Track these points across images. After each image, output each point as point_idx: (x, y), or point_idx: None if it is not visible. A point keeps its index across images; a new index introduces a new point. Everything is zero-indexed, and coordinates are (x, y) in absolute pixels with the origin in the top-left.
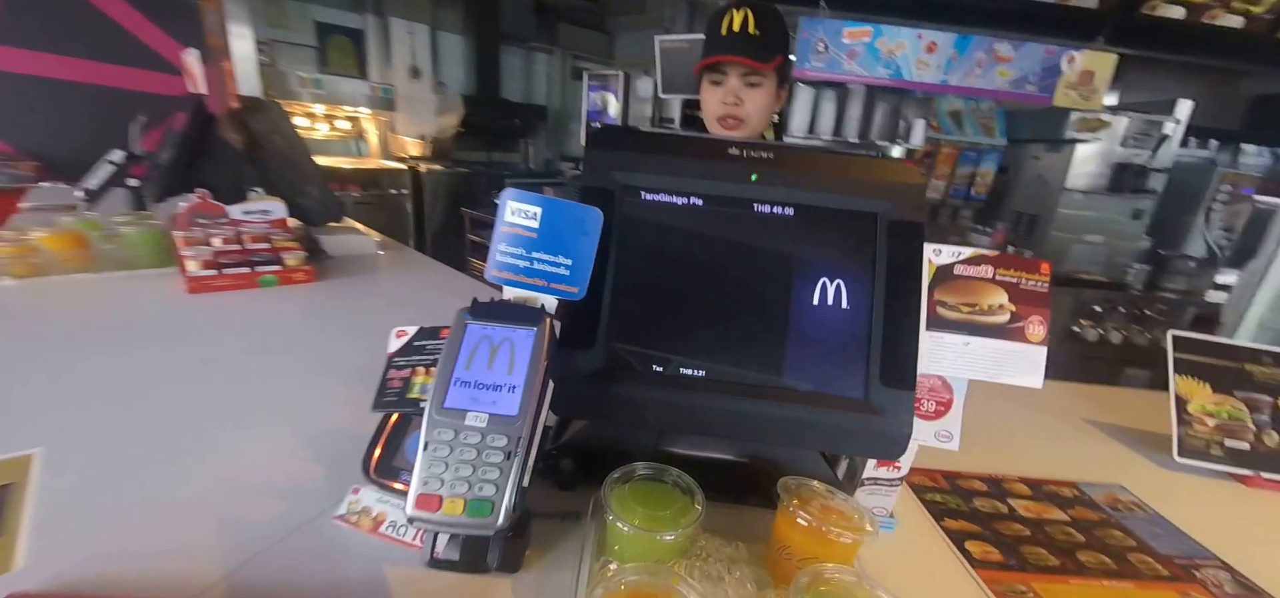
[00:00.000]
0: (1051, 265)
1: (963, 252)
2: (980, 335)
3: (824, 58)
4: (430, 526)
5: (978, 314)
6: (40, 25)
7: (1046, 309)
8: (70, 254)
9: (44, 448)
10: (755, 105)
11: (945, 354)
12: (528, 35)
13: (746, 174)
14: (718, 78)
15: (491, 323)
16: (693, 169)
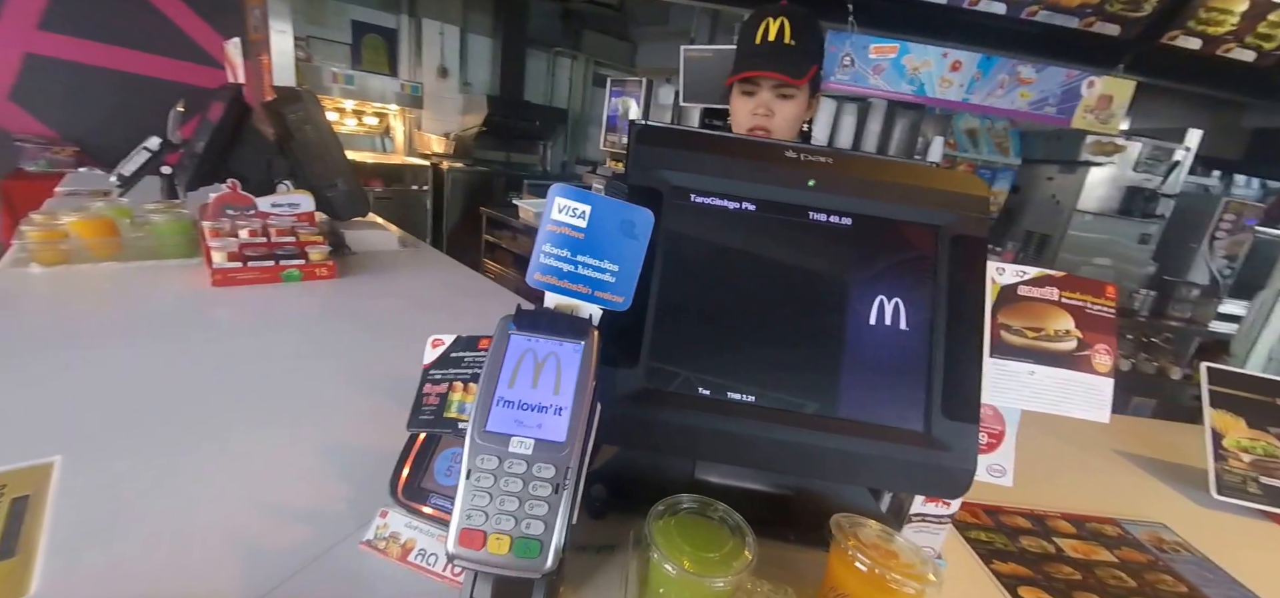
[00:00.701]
0: (1117, 289)
1: (1027, 270)
2: (1046, 364)
3: (849, 71)
4: (474, 566)
5: (1044, 340)
6: (90, 14)
7: (1113, 336)
8: (99, 242)
9: (63, 455)
10: (785, 117)
11: (1010, 384)
12: (553, 40)
13: (803, 179)
14: (750, 88)
15: (536, 334)
16: (746, 172)
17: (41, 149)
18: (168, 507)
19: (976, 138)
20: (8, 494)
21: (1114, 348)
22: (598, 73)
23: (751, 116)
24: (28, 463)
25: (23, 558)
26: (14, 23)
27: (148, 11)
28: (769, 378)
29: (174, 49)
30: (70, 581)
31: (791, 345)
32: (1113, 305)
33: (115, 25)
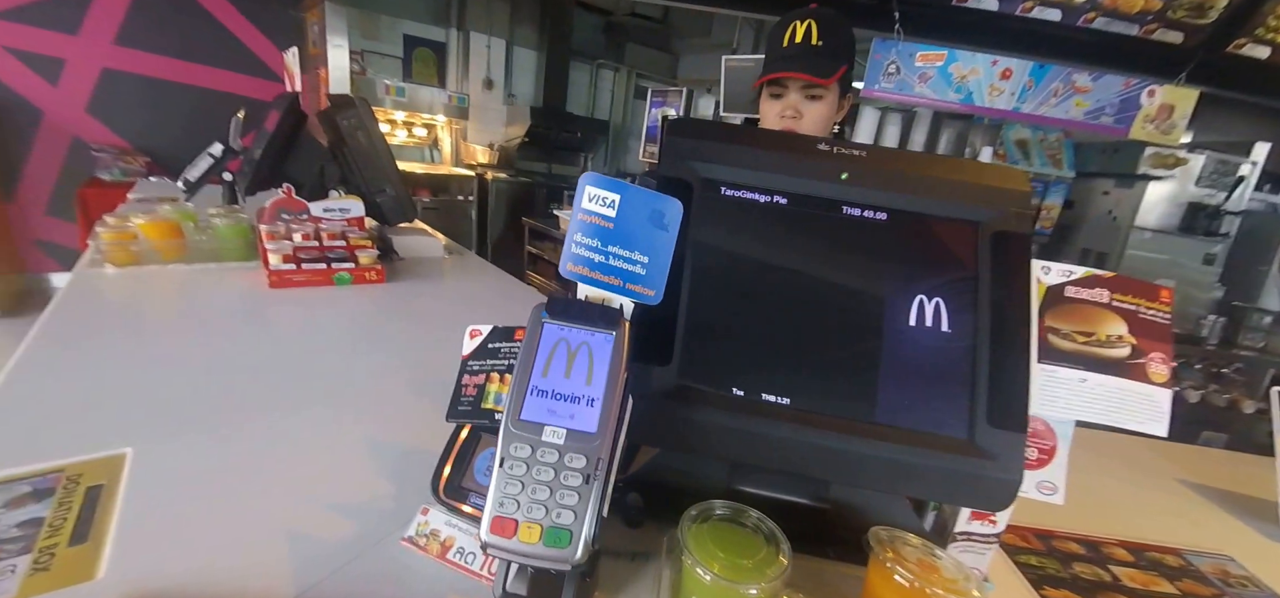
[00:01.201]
0: (1172, 292)
1: (1074, 270)
2: (1098, 371)
3: (894, 80)
4: (504, 555)
5: (1094, 345)
6: (161, 30)
7: (1169, 344)
8: (166, 244)
9: (133, 448)
10: (814, 118)
11: (1059, 392)
12: (596, 52)
13: (836, 172)
14: (778, 91)
15: (569, 324)
16: (777, 164)
17: (115, 159)
18: (226, 498)
19: (1028, 149)
20: (83, 483)
21: (1171, 356)
22: (639, 84)
23: (780, 119)
24: (102, 454)
25: (93, 544)
26: (92, 39)
27: (213, 27)
28: (804, 379)
29: (237, 63)
30: (135, 567)
31: (827, 345)
32: (1168, 310)
33: (184, 41)
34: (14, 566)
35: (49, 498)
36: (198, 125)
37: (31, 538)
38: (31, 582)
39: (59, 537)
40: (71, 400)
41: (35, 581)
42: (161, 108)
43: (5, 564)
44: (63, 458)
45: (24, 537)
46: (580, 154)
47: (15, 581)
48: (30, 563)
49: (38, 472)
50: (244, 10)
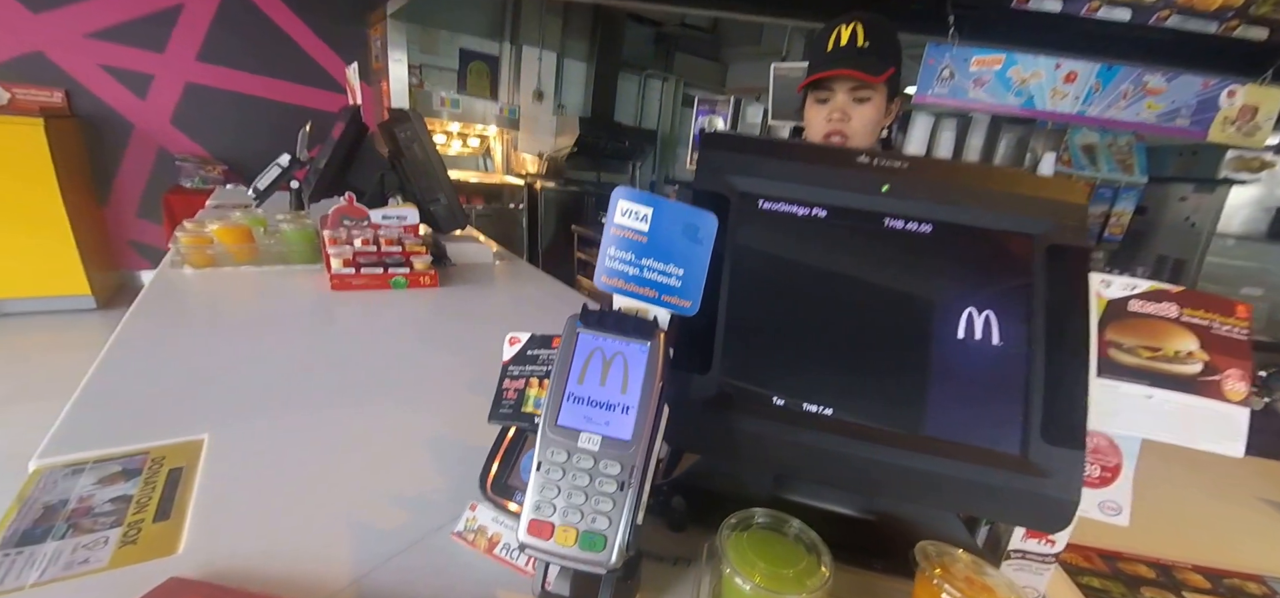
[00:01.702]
0: (1250, 309)
1: (1138, 284)
2: (1165, 388)
3: (948, 84)
4: (541, 555)
5: (1161, 361)
6: (238, 47)
7: (1247, 361)
8: (238, 248)
9: (209, 434)
10: (862, 121)
11: (1121, 407)
12: (645, 63)
13: (877, 184)
14: (824, 95)
15: (604, 334)
16: (816, 177)
17: (196, 167)
18: (290, 484)
19: (1095, 153)
20: (166, 465)
21: (1249, 373)
22: (687, 93)
23: (826, 123)
24: (182, 439)
25: (175, 521)
26: (177, 56)
27: (286, 43)
28: (847, 390)
29: (306, 77)
30: (210, 543)
31: (870, 357)
32: (1246, 326)
33: (259, 57)
34: (107, 537)
35: (136, 477)
36: (270, 135)
37: (121, 513)
38: (122, 553)
39: (145, 513)
40: (155, 389)
41: (125, 552)
42: (238, 119)
43: (99, 536)
44: (147, 442)
45: (115, 512)
46: (628, 162)
47: (108, 551)
48: (121, 535)
49: (127, 453)
50: (314, 27)
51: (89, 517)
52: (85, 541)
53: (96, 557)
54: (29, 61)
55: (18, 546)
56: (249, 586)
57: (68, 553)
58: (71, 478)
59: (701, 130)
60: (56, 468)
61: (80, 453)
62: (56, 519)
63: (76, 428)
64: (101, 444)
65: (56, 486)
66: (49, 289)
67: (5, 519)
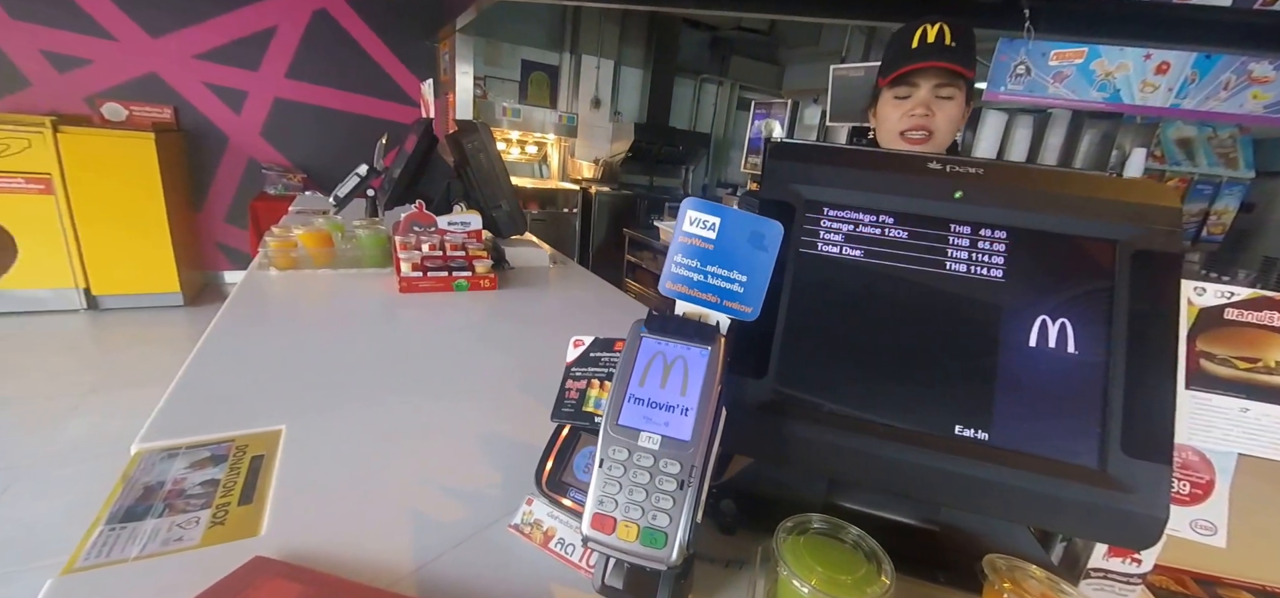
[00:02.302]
0: None
1: (1235, 291)
2: (1264, 401)
3: (1023, 81)
4: (603, 549)
5: (1262, 372)
6: (322, 64)
7: None
8: (319, 251)
9: (287, 425)
10: (945, 117)
11: (1214, 421)
12: (701, 67)
13: (949, 190)
14: (904, 91)
15: (666, 338)
16: (885, 184)
17: (280, 176)
18: (359, 474)
19: (1192, 148)
20: (249, 453)
21: None
22: (743, 96)
23: (907, 118)
24: (263, 428)
25: (257, 505)
26: (268, 74)
27: (364, 60)
28: (909, 398)
29: (382, 91)
30: (288, 526)
31: (934, 365)
32: None
33: (340, 73)
34: (198, 517)
35: (223, 463)
36: (344, 145)
37: (211, 496)
38: (211, 533)
39: (231, 496)
40: (240, 382)
41: (214, 532)
42: (319, 131)
43: (191, 516)
44: (233, 430)
45: (205, 494)
46: (681, 167)
47: (199, 530)
48: (210, 516)
49: (215, 440)
50: (389, 43)
51: (182, 498)
52: (179, 520)
53: (189, 535)
54: (145, 82)
55: (122, 522)
56: (323, 567)
57: (165, 531)
58: (167, 461)
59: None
60: (154, 452)
61: (174, 439)
62: (155, 499)
63: (172, 415)
64: (193, 431)
65: (154, 468)
66: (144, 287)
67: (111, 497)
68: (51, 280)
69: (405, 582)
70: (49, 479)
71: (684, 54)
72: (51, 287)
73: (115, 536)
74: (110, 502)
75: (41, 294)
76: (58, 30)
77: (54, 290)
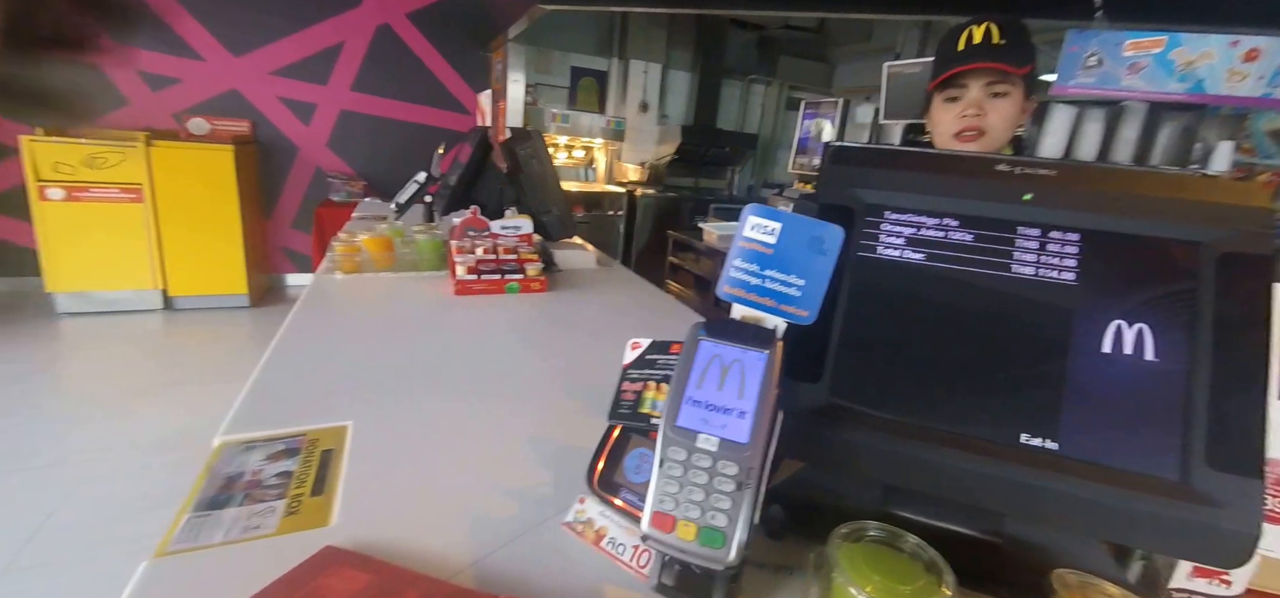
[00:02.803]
0: None
1: None
2: None
3: (1095, 73)
4: (663, 547)
5: None
6: (384, 78)
7: None
8: (381, 256)
9: (353, 421)
10: (1000, 116)
11: None
12: (748, 68)
13: (1017, 193)
14: (955, 93)
15: (723, 342)
16: (950, 187)
17: (343, 183)
18: (418, 468)
19: None
20: (319, 447)
21: None
22: (791, 96)
23: (959, 120)
24: (331, 424)
25: (327, 497)
26: (336, 87)
27: (423, 72)
28: (972, 405)
29: (438, 101)
30: (355, 518)
31: (999, 371)
32: None
33: (400, 85)
34: (274, 507)
35: (296, 456)
36: (402, 153)
37: (285, 486)
38: (286, 522)
39: (304, 488)
40: (309, 379)
41: (289, 521)
42: (380, 140)
43: (268, 506)
44: (304, 425)
45: (280, 485)
46: (727, 168)
47: (275, 519)
48: (285, 506)
49: (289, 434)
50: (445, 56)
51: (259, 488)
52: (257, 509)
53: (266, 524)
54: (227, 98)
55: (206, 509)
56: (387, 557)
57: (244, 519)
58: (246, 454)
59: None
60: (234, 444)
61: (251, 432)
62: (235, 489)
63: (249, 410)
64: (268, 425)
65: (234, 459)
66: (215, 289)
67: (196, 486)
68: (135, 282)
69: (464, 575)
70: (127, 466)
71: (731, 56)
72: (134, 288)
73: (201, 522)
74: (196, 491)
75: (125, 295)
76: (154, 53)
77: (136, 291)
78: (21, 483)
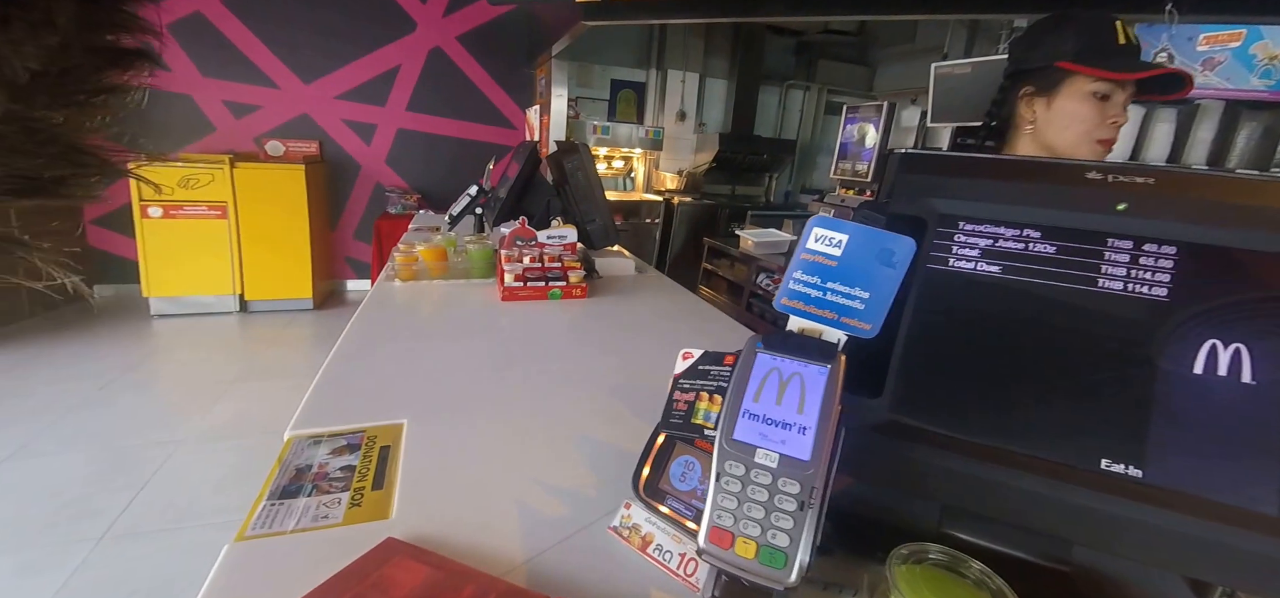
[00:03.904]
0: None
1: None
2: None
3: None
4: (720, 563)
5: None
6: (437, 98)
7: None
8: (435, 264)
9: (408, 419)
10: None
11: None
12: (786, 74)
13: (1111, 202)
14: (1107, 90)
15: (781, 355)
16: (1036, 196)
17: (400, 197)
18: (469, 467)
19: None
20: (377, 443)
21: None
22: (831, 100)
23: (1108, 127)
24: (389, 422)
25: (387, 491)
26: (393, 108)
27: (472, 91)
28: (1048, 426)
29: (487, 117)
30: (412, 512)
31: (1078, 392)
32: None
33: (452, 104)
34: (340, 499)
35: (358, 451)
36: (453, 167)
37: (348, 480)
38: (351, 513)
39: (365, 482)
40: (369, 378)
41: (353, 512)
42: (434, 156)
43: (334, 497)
44: (364, 422)
45: (344, 478)
46: (764, 174)
47: (341, 510)
48: (349, 499)
49: (350, 430)
50: (494, 76)
51: (326, 480)
52: (324, 500)
53: (333, 514)
54: (299, 121)
55: (280, 498)
56: (443, 551)
57: (314, 509)
58: (313, 448)
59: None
60: (303, 438)
61: (318, 428)
62: (305, 480)
63: (315, 406)
64: (332, 422)
65: (303, 452)
66: (283, 294)
67: (271, 475)
68: (217, 288)
69: (517, 574)
70: (202, 452)
71: (769, 62)
72: (216, 293)
73: (275, 510)
74: (270, 479)
75: (207, 299)
76: (236, 83)
77: (217, 296)
78: (120, 462)
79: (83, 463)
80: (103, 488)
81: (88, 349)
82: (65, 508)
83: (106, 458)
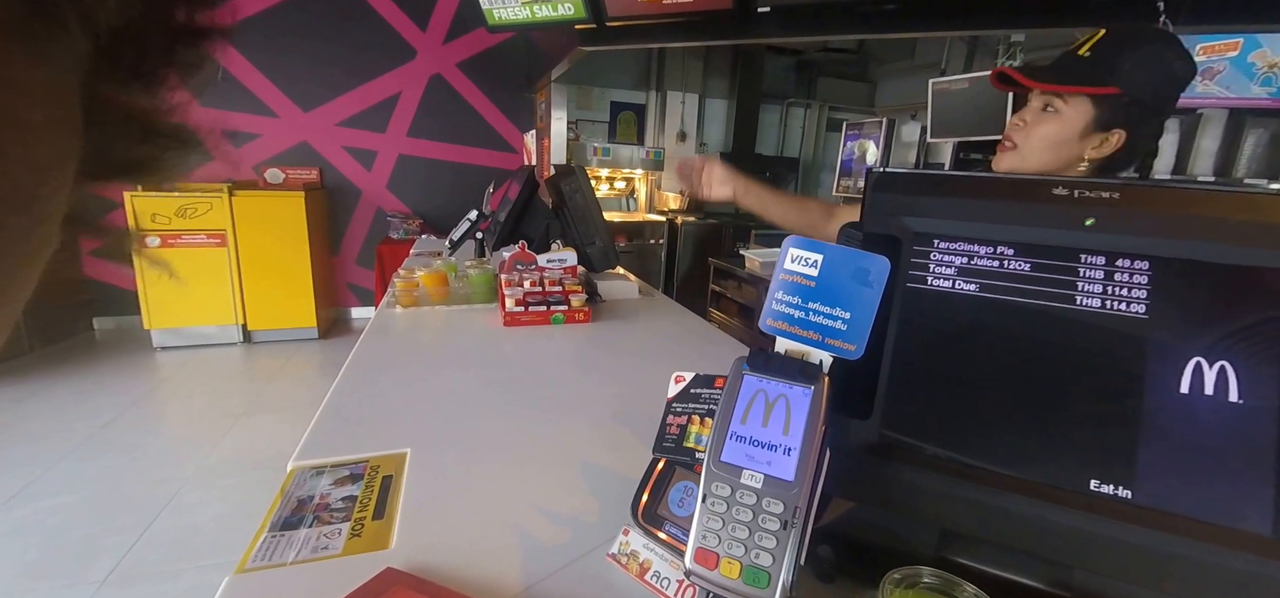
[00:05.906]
0: None
1: None
2: None
3: None
4: (705, 584)
5: None
6: (438, 123)
7: None
8: (436, 290)
9: (411, 448)
10: (1038, 135)
11: None
12: (787, 92)
13: (1079, 217)
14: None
15: (767, 376)
16: (1003, 213)
17: (401, 222)
18: (471, 495)
19: None
20: (380, 473)
21: None
22: (832, 117)
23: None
24: (391, 451)
25: (387, 521)
26: (394, 134)
27: (472, 116)
28: (1035, 447)
29: (487, 142)
30: (412, 541)
31: (1063, 411)
32: None
33: (452, 129)
34: (340, 529)
35: (360, 481)
36: (454, 192)
37: (349, 510)
38: (351, 543)
39: (366, 512)
40: (372, 407)
41: (353, 542)
42: (435, 181)
43: (335, 528)
44: (367, 452)
45: (345, 508)
46: None
47: (341, 540)
48: (350, 529)
49: (353, 460)
50: (493, 99)
51: (327, 511)
52: (325, 530)
53: (333, 545)
54: (299, 149)
55: (281, 529)
56: (442, 581)
57: (315, 539)
58: (315, 478)
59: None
60: (305, 469)
61: (320, 459)
62: (306, 511)
63: (318, 437)
64: (335, 452)
65: (305, 483)
66: (288, 322)
67: (272, 508)
68: (219, 318)
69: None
70: (209, 488)
71: (769, 80)
72: (217, 323)
73: (276, 542)
74: (272, 512)
75: (209, 330)
76: (235, 113)
77: (219, 327)
78: (123, 503)
79: (85, 504)
80: (106, 529)
81: (91, 385)
82: (68, 550)
83: (111, 500)
